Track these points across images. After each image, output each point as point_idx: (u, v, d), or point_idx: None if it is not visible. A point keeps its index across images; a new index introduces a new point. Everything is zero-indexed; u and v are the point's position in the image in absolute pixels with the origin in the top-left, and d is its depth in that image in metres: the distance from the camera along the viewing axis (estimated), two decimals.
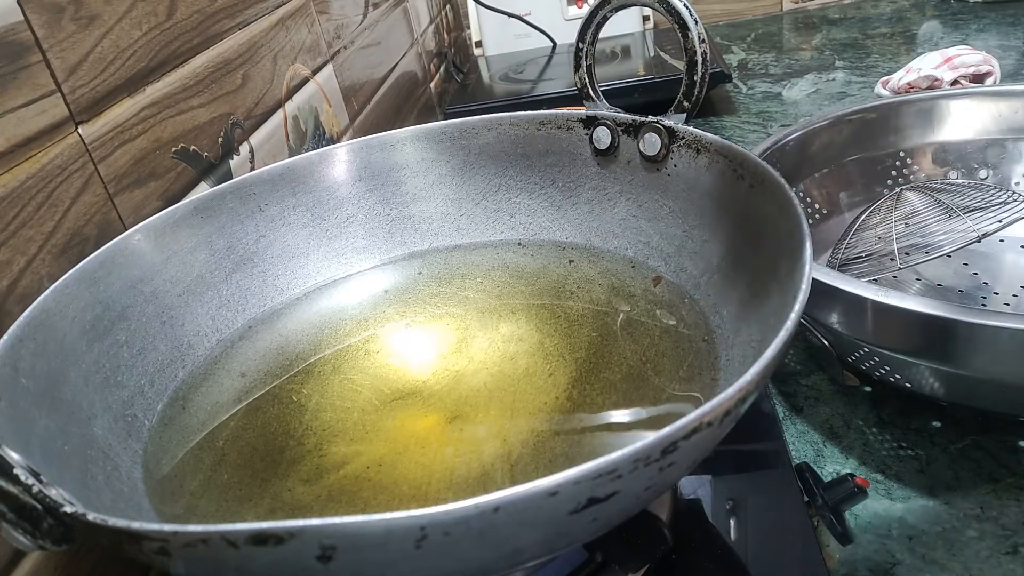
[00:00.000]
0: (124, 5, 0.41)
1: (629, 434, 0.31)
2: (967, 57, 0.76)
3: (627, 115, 0.42)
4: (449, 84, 1.17)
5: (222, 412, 0.35)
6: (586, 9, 0.46)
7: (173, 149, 0.44)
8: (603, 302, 0.39)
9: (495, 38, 1.20)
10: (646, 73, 0.94)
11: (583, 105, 0.44)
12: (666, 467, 0.20)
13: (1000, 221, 0.48)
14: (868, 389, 0.48)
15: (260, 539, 0.18)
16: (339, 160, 0.46)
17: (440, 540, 0.18)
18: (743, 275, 0.35)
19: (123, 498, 0.29)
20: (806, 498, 0.35)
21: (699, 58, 0.39)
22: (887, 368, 0.42)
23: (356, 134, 0.73)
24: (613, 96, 0.44)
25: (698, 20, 0.39)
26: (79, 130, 0.37)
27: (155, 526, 0.19)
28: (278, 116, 0.57)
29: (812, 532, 0.33)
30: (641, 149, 0.41)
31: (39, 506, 0.20)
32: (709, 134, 0.38)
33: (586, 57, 0.44)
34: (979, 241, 0.48)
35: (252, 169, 0.52)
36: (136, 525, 0.19)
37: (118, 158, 0.39)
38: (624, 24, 1.16)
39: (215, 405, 0.36)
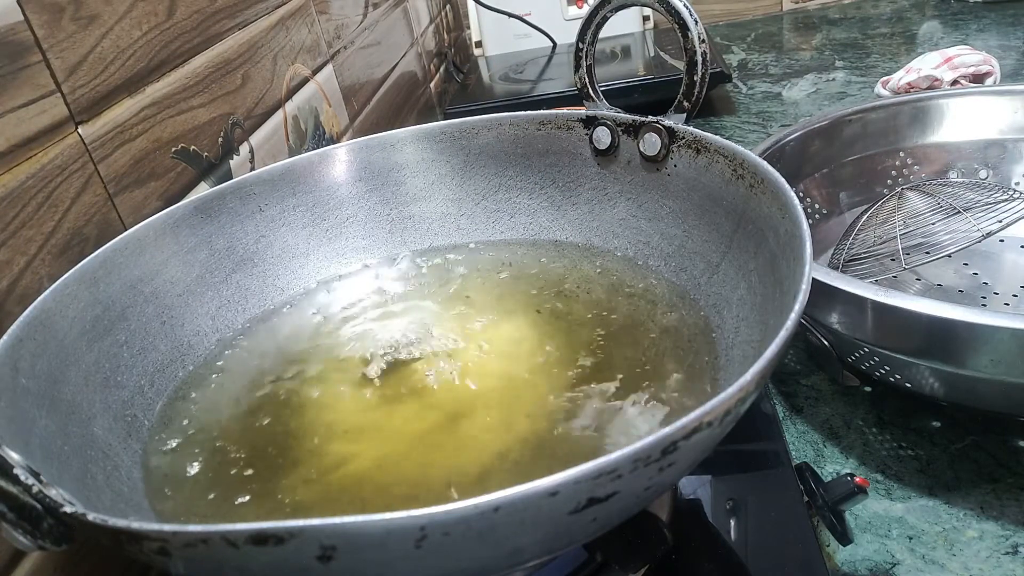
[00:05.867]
0: (124, 5, 0.41)
1: (629, 434, 0.31)
2: (967, 57, 0.76)
3: (627, 115, 0.42)
4: (449, 84, 1.17)
5: (222, 412, 0.35)
6: (586, 9, 0.46)
7: (173, 149, 0.44)
8: (603, 302, 0.39)
9: (495, 38, 1.20)
10: (646, 73, 0.94)
11: (583, 105, 0.44)
12: (666, 467, 0.20)
13: (1000, 221, 0.48)
14: (868, 389, 0.48)
15: (260, 539, 0.18)
16: (339, 160, 0.46)
17: (440, 540, 0.18)
18: (743, 275, 0.34)
19: (123, 498, 0.29)
20: (806, 498, 0.35)
21: (699, 58, 0.39)
22: (887, 368, 0.42)
23: (356, 134, 0.73)
24: (613, 96, 0.44)
25: (698, 20, 0.39)
26: (79, 130, 0.37)
27: (155, 526, 0.19)
28: (278, 116, 0.57)
29: (812, 532, 0.33)
30: (641, 149, 0.41)
31: (39, 506, 0.20)
32: (709, 134, 0.38)
33: (586, 57, 0.44)
34: (980, 241, 0.48)
35: (252, 169, 0.52)
36: (136, 525, 0.19)
37: (118, 158, 0.39)
38: (624, 24, 1.16)
39: (215, 405, 0.36)
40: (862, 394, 0.48)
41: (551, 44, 1.16)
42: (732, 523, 0.35)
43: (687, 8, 0.38)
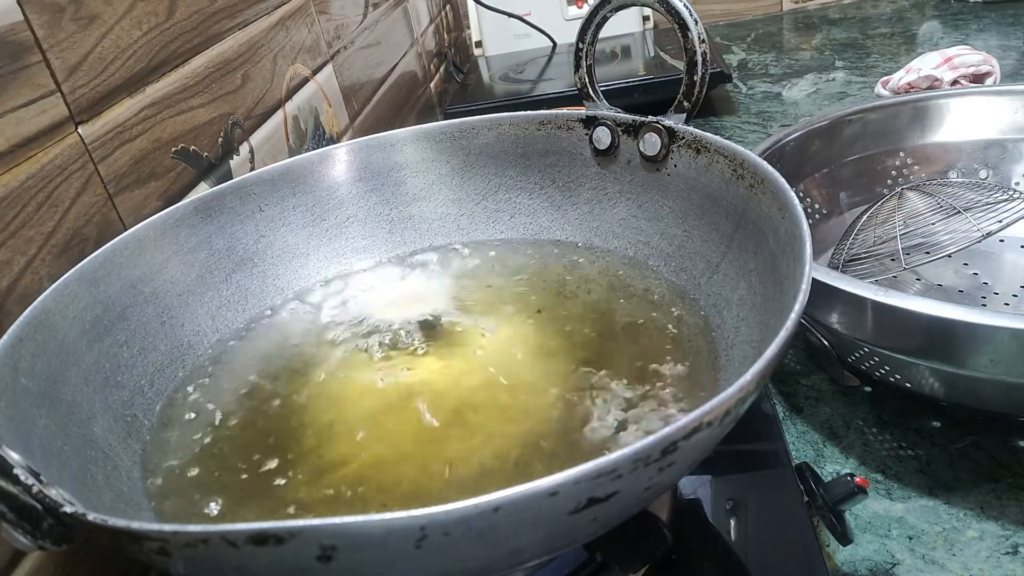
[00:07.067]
0: (124, 5, 0.41)
1: (629, 434, 0.31)
2: (967, 57, 0.76)
3: (627, 115, 0.42)
4: (449, 84, 1.17)
5: (222, 412, 0.35)
6: (586, 9, 0.46)
7: (173, 149, 0.44)
8: (603, 302, 0.39)
9: (495, 38, 1.20)
10: (646, 73, 0.94)
11: (583, 105, 0.44)
12: (666, 467, 0.20)
13: (1000, 221, 0.48)
14: (868, 389, 0.48)
15: (260, 539, 0.18)
16: (339, 160, 0.46)
17: (440, 540, 0.18)
18: (743, 275, 0.35)
19: (123, 498, 0.29)
20: (806, 498, 0.35)
21: (699, 58, 0.39)
22: (887, 368, 0.42)
23: (356, 134, 0.73)
24: (613, 96, 0.44)
25: (698, 20, 0.39)
26: (79, 130, 0.37)
27: (155, 526, 0.19)
28: (278, 116, 0.57)
29: (812, 532, 0.33)
30: (641, 149, 0.41)
31: (39, 506, 0.20)
32: (709, 134, 0.38)
33: (586, 57, 0.44)
34: (980, 241, 0.48)
35: (252, 169, 0.52)
36: (136, 525, 0.19)
37: (118, 158, 0.39)
38: (624, 24, 1.16)
39: (215, 405, 0.36)
40: (862, 394, 0.48)
41: (551, 44, 1.16)
42: (732, 523, 0.35)
43: (687, 8, 0.38)
